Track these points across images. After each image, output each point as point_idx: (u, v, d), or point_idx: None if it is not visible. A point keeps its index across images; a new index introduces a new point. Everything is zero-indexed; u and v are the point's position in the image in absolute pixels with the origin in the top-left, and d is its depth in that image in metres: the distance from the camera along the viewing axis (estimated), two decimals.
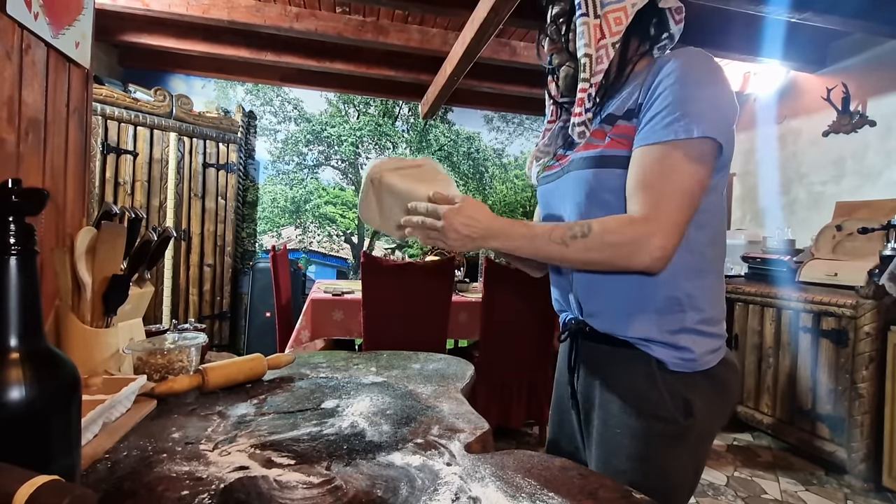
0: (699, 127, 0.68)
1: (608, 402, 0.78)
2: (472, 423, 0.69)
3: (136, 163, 3.19)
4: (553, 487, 0.52)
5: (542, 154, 0.95)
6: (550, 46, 0.87)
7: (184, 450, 0.58)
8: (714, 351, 0.75)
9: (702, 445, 0.77)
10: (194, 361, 0.87)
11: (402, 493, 0.50)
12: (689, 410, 0.73)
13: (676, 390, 0.73)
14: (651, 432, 0.73)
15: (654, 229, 0.68)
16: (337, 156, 4.37)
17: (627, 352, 0.76)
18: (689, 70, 0.70)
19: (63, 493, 0.22)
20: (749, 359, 2.68)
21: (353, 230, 4.42)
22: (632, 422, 0.74)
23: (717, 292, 0.77)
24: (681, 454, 0.74)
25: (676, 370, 0.73)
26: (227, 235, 3.67)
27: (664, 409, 0.73)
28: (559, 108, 0.93)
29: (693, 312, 0.74)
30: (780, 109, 3.40)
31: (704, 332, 0.75)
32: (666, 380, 0.73)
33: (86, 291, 0.72)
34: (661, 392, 0.73)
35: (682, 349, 0.73)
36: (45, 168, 1.06)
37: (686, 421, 0.73)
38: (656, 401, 0.73)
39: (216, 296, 3.65)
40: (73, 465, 0.31)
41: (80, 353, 0.72)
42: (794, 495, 2.06)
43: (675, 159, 0.69)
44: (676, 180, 0.69)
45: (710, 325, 0.75)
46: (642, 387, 0.74)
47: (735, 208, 3.79)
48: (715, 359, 0.75)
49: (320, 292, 2.59)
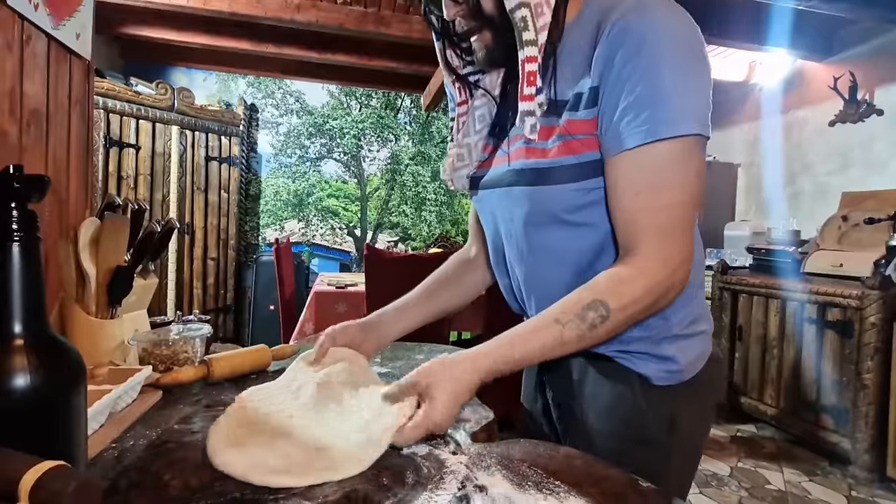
0: (689, 122, 0.54)
1: (586, 424, 0.68)
2: (478, 413, 0.69)
3: (139, 156, 3.19)
4: (559, 476, 0.52)
5: (463, 152, 0.72)
6: (454, 9, 0.62)
7: (190, 439, 0.58)
8: (701, 354, 0.66)
9: (687, 457, 0.69)
10: (199, 352, 0.87)
11: (407, 481, 0.50)
12: (673, 426, 0.64)
13: (660, 407, 0.64)
14: (634, 457, 0.63)
15: (672, 270, 0.56)
16: (339, 148, 4.36)
17: (605, 366, 0.66)
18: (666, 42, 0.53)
19: (69, 479, 0.22)
20: (753, 350, 2.68)
21: (355, 223, 4.42)
22: (611, 445, 0.65)
23: (698, 284, 0.67)
24: (664, 473, 0.64)
25: (661, 384, 0.63)
26: (230, 229, 3.68)
27: (647, 430, 0.64)
28: (467, 87, 0.70)
29: (678, 315, 0.63)
30: (786, 99, 3.37)
31: (692, 335, 0.65)
32: (649, 397, 0.64)
33: (90, 283, 0.72)
34: (643, 413, 0.64)
35: (668, 360, 0.63)
36: (48, 160, 1.06)
37: (669, 439, 0.64)
38: (638, 424, 0.64)
39: (220, 289, 3.66)
40: (78, 452, 0.31)
41: (86, 344, 0.72)
42: (798, 486, 2.06)
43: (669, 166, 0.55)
44: (678, 196, 0.55)
45: (696, 325, 0.65)
46: (623, 408, 0.65)
47: (739, 199, 3.76)
48: (702, 362, 0.66)
49: (324, 285, 2.60)
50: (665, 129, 0.53)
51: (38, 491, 0.21)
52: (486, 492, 0.48)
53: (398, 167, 4.53)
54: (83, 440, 0.32)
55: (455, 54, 0.69)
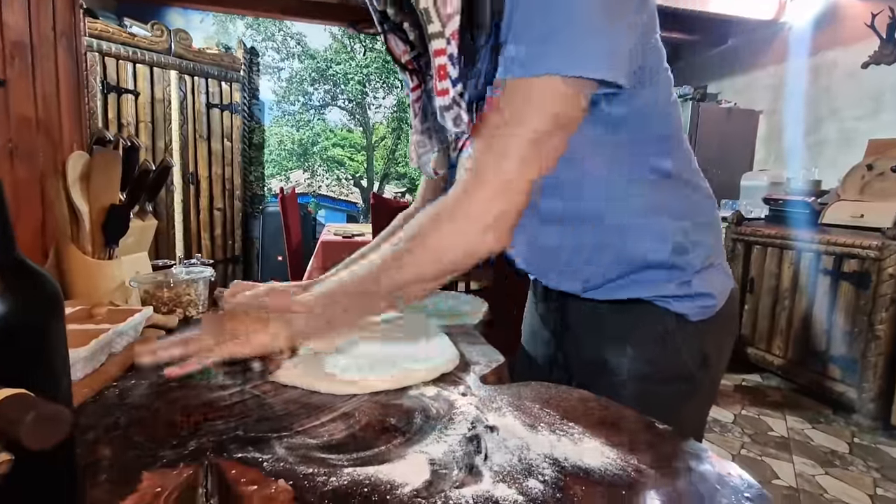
0: (568, 61, 0.48)
1: (615, 367, 0.65)
2: (488, 357, 0.67)
3: (138, 103, 3.10)
4: (572, 418, 0.50)
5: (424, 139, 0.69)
6: None
7: (196, 376, 0.57)
8: (727, 286, 0.66)
9: (710, 393, 0.70)
10: (203, 296, 0.85)
11: (416, 421, 0.48)
12: (705, 362, 0.65)
13: (694, 344, 0.64)
14: (669, 396, 0.64)
15: (485, 206, 0.51)
16: (343, 95, 4.21)
17: (638, 308, 0.64)
18: None
19: (28, 407, 0.19)
20: (764, 302, 2.65)
21: (361, 174, 4.35)
22: (646, 387, 0.64)
23: (711, 209, 0.66)
24: (697, 407, 0.68)
25: (697, 319, 0.63)
26: (234, 179, 3.62)
27: (681, 367, 0.64)
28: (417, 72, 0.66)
29: (700, 248, 0.62)
30: (817, 39, 3.16)
31: (713, 266, 0.65)
32: (686, 335, 0.63)
33: (83, 221, 0.69)
34: (678, 352, 0.63)
35: (703, 295, 0.63)
36: (37, 96, 1.01)
37: (701, 373, 0.65)
38: (672, 362, 0.64)
39: (228, 240, 3.66)
40: (59, 387, 0.28)
41: (84, 285, 0.70)
42: (801, 433, 2.09)
43: (520, 101, 0.50)
44: (520, 132, 0.50)
45: (717, 254, 0.66)
46: (658, 349, 0.64)
47: (759, 148, 3.62)
48: (728, 290, 0.66)
49: (330, 234, 2.58)
50: (518, 69, 0.49)
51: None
52: (497, 432, 0.47)
53: (405, 115, 4.39)
54: (64, 374, 0.29)
55: (398, 42, 0.65)
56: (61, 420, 0.20)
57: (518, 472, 0.40)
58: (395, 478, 0.38)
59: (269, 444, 0.43)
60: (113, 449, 0.42)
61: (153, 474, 0.38)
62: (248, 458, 0.41)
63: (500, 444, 0.44)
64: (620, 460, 0.42)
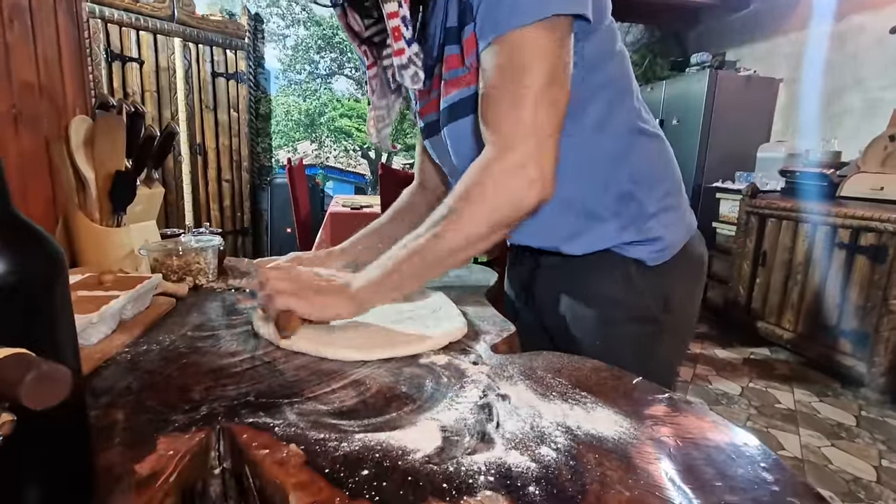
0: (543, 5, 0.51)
1: (577, 313, 0.70)
2: (498, 326, 0.67)
3: (143, 71, 3.05)
4: (585, 387, 0.49)
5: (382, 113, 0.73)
6: None
7: (203, 345, 0.57)
8: (684, 228, 0.69)
9: (678, 337, 0.72)
10: (212, 264, 0.85)
11: (426, 389, 0.48)
12: (667, 304, 0.67)
13: (655, 286, 0.67)
14: (636, 337, 0.67)
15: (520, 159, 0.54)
16: (350, 64, 4.12)
17: (598, 256, 0.67)
18: None
19: (28, 367, 0.19)
20: (776, 275, 2.62)
21: (369, 145, 4.29)
22: (607, 330, 0.67)
23: (658, 154, 0.67)
24: (665, 352, 0.69)
25: (655, 264, 0.66)
26: (242, 150, 3.59)
27: (646, 310, 0.67)
28: (373, 49, 0.69)
29: (649, 193, 0.65)
30: (843, 2, 3.01)
31: (671, 208, 0.67)
32: (645, 278, 0.66)
33: (89, 187, 0.68)
34: (641, 294, 0.67)
35: (656, 240, 0.65)
36: (38, 61, 0.99)
37: (665, 315, 0.67)
38: (633, 304, 0.67)
39: (237, 211, 3.66)
40: (59, 350, 0.28)
41: (93, 253, 0.70)
42: (808, 405, 2.09)
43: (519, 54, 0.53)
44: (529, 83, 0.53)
45: (672, 196, 0.68)
46: (618, 291, 0.67)
47: (777, 119, 3.51)
48: (686, 234, 0.69)
49: (339, 206, 2.57)
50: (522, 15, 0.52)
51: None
52: (508, 400, 0.46)
53: None
54: (69, 337, 0.28)
55: (355, 19, 0.67)
56: (61, 380, 0.19)
57: (530, 440, 0.39)
58: (407, 444, 0.38)
59: (280, 410, 0.43)
60: (126, 413, 0.42)
61: (166, 438, 0.38)
62: (260, 422, 0.41)
63: (511, 412, 0.44)
64: (634, 429, 0.42)
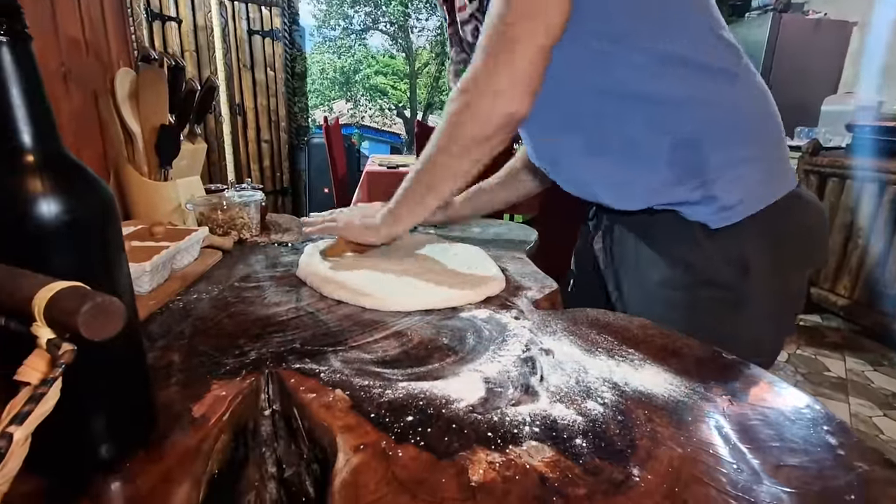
0: None
1: (645, 274, 0.65)
2: (540, 282, 0.65)
3: (182, 31, 3.07)
4: (632, 344, 0.48)
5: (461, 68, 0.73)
6: None
7: (250, 295, 0.58)
8: (760, 183, 0.59)
9: (767, 310, 0.61)
10: (255, 219, 0.86)
11: (468, 341, 0.48)
12: (746, 269, 0.59)
13: (727, 249, 0.59)
14: (708, 301, 0.60)
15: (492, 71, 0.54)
16: (385, 18, 4.02)
17: (664, 215, 0.63)
18: None
19: (84, 298, 0.19)
20: (834, 239, 2.46)
21: (404, 103, 4.23)
22: (674, 294, 0.62)
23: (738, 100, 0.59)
24: (748, 323, 0.60)
25: (720, 226, 0.59)
26: (280, 110, 3.61)
27: (717, 274, 0.60)
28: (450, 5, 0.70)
29: (715, 143, 0.58)
30: None
31: (749, 159, 0.59)
32: (714, 240, 0.60)
33: (137, 141, 0.69)
34: (708, 255, 0.60)
35: (714, 199, 0.58)
36: (83, 19, 1.00)
37: (744, 282, 0.59)
38: (703, 267, 0.60)
39: (276, 171, 3.72)
40: (114, 286, 0.28)
41: (144, 206, 0.72)
42: (861, 374, 2.00)
43: None
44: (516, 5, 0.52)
45: (750, 147, 0.59)
46: (684, 251, 0.61)
47: (847, 67, 3.20)
48: (772, 192, 0.59)
49: (375, 165, 2.56)
50: None
51: (51, 309, 0.18)
52: (552, 355, 0.45)
53: None
54: (122, 275, 0.29)
55: None
56: (116, 312, 0.19)
57: (576, 394, 0.39)
58: (450, 393, 0.38)
59: (325, 357, 0.43)
60: (181, 356, 0.44)
61: (219, 380, 0.39)
62: (306, 368, 0.41)
63: (555, 366, 0.43)
64: (685, 387, 0.40)
